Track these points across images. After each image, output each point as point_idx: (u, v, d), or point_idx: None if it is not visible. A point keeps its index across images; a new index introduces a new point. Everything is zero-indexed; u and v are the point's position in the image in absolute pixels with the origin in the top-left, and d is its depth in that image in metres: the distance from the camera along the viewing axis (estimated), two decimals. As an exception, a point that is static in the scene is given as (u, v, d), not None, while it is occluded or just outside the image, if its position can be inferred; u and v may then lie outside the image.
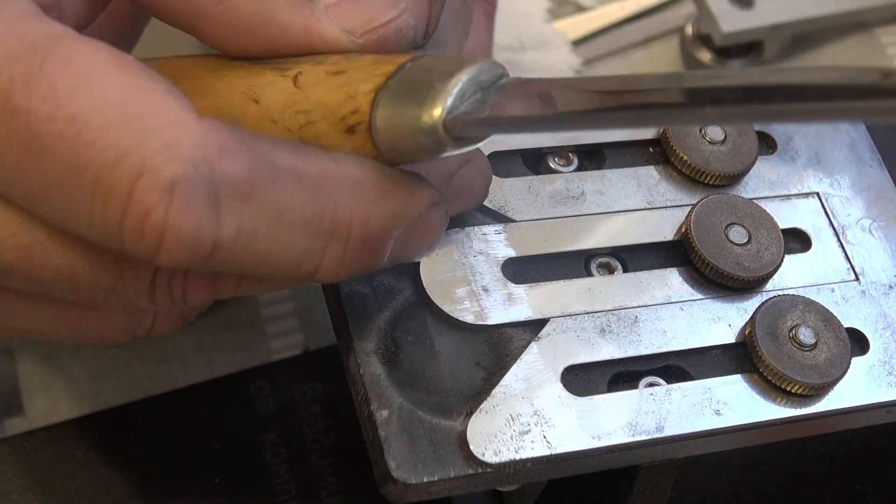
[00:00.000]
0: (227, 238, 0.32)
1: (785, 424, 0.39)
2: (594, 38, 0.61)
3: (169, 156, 0.30)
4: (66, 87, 0.31)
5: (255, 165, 0.32)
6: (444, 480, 0.36)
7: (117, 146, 0.31)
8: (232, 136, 0.32)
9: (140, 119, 0.31)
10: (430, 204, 0.36)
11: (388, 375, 0.37)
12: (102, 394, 0.50)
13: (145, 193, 0.31)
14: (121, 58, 0.32)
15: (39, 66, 0.31)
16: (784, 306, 0.40)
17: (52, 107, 0.31)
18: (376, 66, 0.34)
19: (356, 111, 0.33)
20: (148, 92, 0.31)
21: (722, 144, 0.43)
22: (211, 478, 0.47)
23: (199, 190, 0.31)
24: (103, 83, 0.31)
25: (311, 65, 0.34)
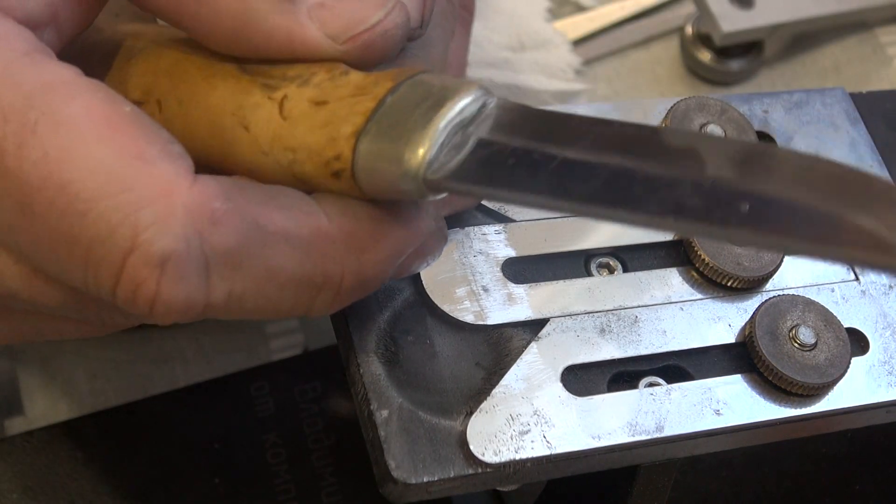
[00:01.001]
0: (217, 302, 0.32)
1: (785, 424, 0.39)
2: (594, 38, 0.61)
3: (159, 230, 0.31)
4: (59, 152, 0.31)
5: (245, 233, 0.32)
6: (444, 480, 0.36)
7: (109, 219, 0.31)
8: (224, 203, 0.32)
9: (131, 189, 0.31)
10: (428, 234, 0.36)
11: (388, 375, 0.37)
12: (102, 394, 0.50)
13: (136, 268, 0.31)
14: (115, 113, 0.32)
15: (32, 128, 0.31)
16: (784, 306, 0.40)
17: (45, 173, 0.31)
18: (357, 100, 0.33)
19: (339, 157, 0.33)
20: (141, 157, 0.31)
21: (722, 144, 0.43)
22: (211, 478, 0.47)
23: (190, 263, 0.31)
24: (96, 149, 0.31)
25: (296, 86, 0.34)
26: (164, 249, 0.31)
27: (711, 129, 0.43)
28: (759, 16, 0.59)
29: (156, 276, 0.31)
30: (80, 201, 0.31)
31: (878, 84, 0.61)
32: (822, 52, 0.62)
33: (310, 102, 0.34)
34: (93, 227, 0.31)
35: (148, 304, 0.32)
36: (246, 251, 0.32)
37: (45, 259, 0.32)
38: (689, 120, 0.43)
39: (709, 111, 0.44)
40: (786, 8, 0.60)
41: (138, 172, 0.31)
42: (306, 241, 0.33)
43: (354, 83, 0.34)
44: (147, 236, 0.31)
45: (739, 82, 0.61)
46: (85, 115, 0.31)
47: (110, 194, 0.31)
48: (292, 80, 0.34)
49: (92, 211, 0.31)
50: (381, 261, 0.35)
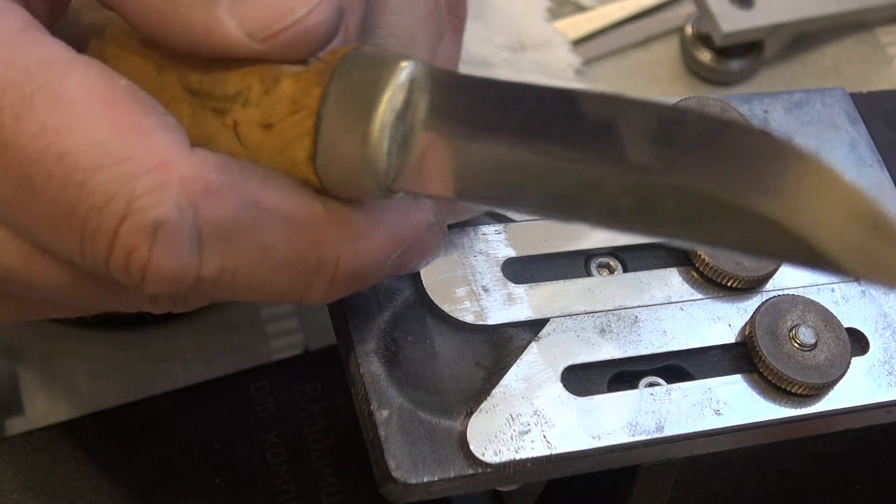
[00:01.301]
0: (209, 276, 0.33)
1: (785, 424, 0.39)
2: (594, 38, 0.61)
3: (153, 199, 0.31)
4: (56, 125, 0.31)
5: (240, 208, 0.32)
6: (444, 480, 0.36)
7: (105, 189, 0.31)
8: (219, 175, 0.32)
9: (127, 160, 0.31)
10: (425, 227, 0.36)
11: (388, 375, 0.37)
12: (102, 394, 0.50)
13: (129, 235, 0.31)
14: (111, 87, 0.32)
15: (29, 101, 0.31)
16: (784, 306, 0.40)
17: (42, 145, 0.31)
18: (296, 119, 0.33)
19: (307, 179, 0.33)
20: (137, 128, 0.32)
21: (722, 144, 0.43)
22: (211, 478, 0.47)
23: (183, 233, 0.32)
24: (93, 122, 0.31)
25: (240, 106, 0.34)
26: (157, 217, 0.31)
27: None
28: (759, 16, 0.59)
29: (148, 244, 0.31)
30: (78, 171, 0.31)
31: (878, 84, 0.61)
32: (822, 52, 0.62)
33: (259, 126, 0.33)
34: (89, 197, 0.31)
35: (139, 271, 0.32)
36: (239, 226, 0.32)
37: (43, 232, 0.32)
38: (689, 120, 0.43)
39: (709, 111, 0.44)
40: (786, 8, 0.60)
41: (135, 143, 0.31)
42: (301, 223, 0.33)
43: (288, 95, 0.33)
44: (141, 204, 0.31)
45: (739, 82, 0.61)
46: (82, 88, 0.32)
47: (107, 165, 0.31)
48: (234, 99, 0.34)
49: (89, 181, 0.31)
50: (377, 249, 0.34)
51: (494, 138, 0.31)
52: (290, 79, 0.33)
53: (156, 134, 0.32)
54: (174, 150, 0.32)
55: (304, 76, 0.33)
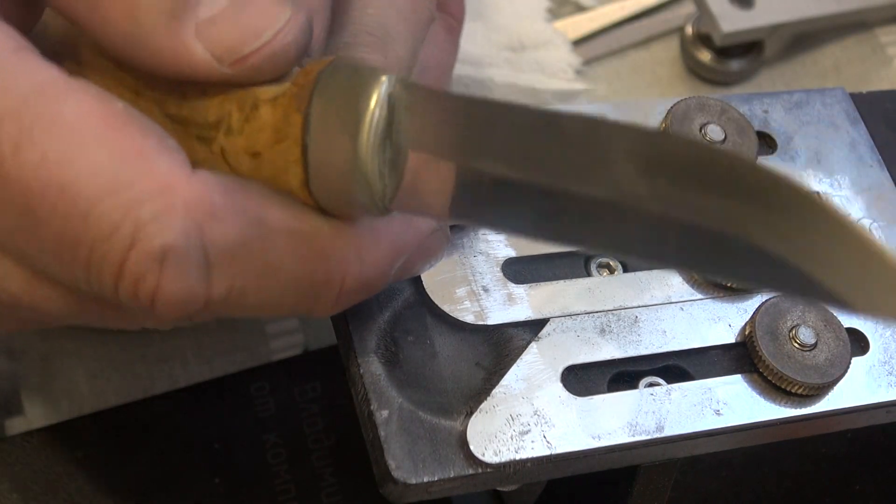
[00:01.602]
0: (218, 297, 0.32)
1: (785, 424, 0.39)
2: (594, 38, 0.61)
3: (159, 225, 0.31)
4: (57, 155, 0.31)
5: (245, 228, 0.32)
6: (444, 480, 0.36)
7: (110, 217, 0.31)
8: (223, 196, 0.32)
9: (131, 187, 0.31)
10: (428, 232, 0.36)
11: (388, 375, 0.37)
12: (102, 394, 0.50)
13: (137, 263, 0.31)
14: (109, 111, 0.32)
15: (28, 130, 0.31)
16: (784, 306, 0.40)
17: (44, 176, 0.31)
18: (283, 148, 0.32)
19: (304, 201, 0.33)
20: (139, 153, 0.31)
21: (722, 144, 0.43)
22: (211, 478, 0.47)
23: (190, 257, 0.31)
24: (94, 149, 0.31)
25: (223, 134, 0.33)
26: (164, 243, 0.31)
27: (711, 130, 0.43)
28: (759, 16, 0.59)
29: (156, 271, 0.31)
30: (82, 202, 0.31)
31: (878, 84, 0.61)
32: (822, 52, 0.62)
33: (246, 155, 0.33)
34: (95, 227, 0.31)
35: (149, 298, 0.32)
36: (246, 246, 0.32)
37: (49, 261, 0.32)
38: (690, 120, 0.43)
39: (709, 111, 0.44)
40: (786, 8, 0.60)
41: (137, 169, 0.31)
42: (307, 239, 0.33)
43: (269, 123, 0.33)
44: (147, 231, 0.31)
45: (739, 82, 0.61)
46: (80, 115, 0.31)
47: (111, 193, 0.31)
48: (216, 126, 0.33)
49: (94, 211, 0.31)
50: (382, 259, 0.35)
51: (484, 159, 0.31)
52: (268, 104, 0.33)
53: (158, 157, 0.31)
54: (177, 173, 0.31)
55: (281, 101, 0.33)
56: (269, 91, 0.33)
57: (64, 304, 0.34)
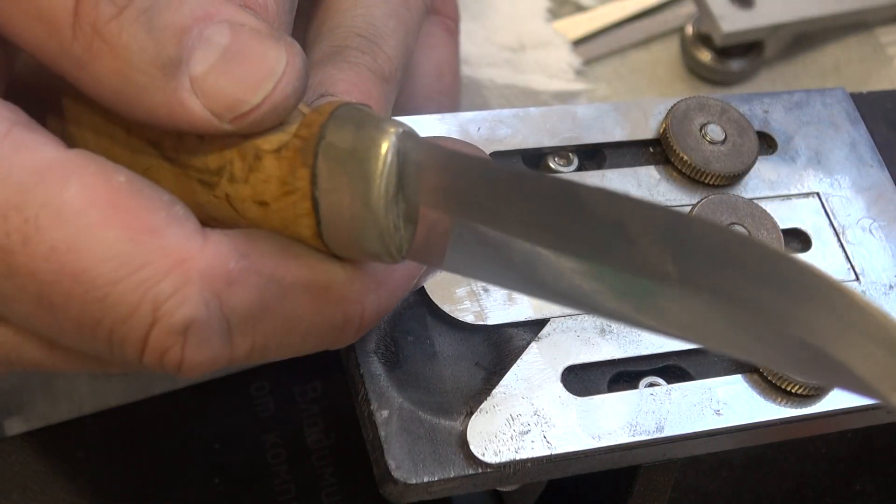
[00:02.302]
0: (240, 355, 0.33)
1: (785, 425, 0.39)
2: (594, 38, 0.61)
3: (178, 300, 0.31)
4: (67, 244, 0.31)
5: (263, 289, 0.32)
6: (445, 480, 0.36)
7: (128, 300, 0.31)
8: (238, 261, 0.32)
9: (145, 266, 0.31)
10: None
11: (389, 375, 0.37)
12: (102, 394, 0.50)
13: (159, 339, 0.31)
14: (112, 189, 0.31)
15: (34, 222, 0.31)
16: (784, 306, 0.40)
17: (56, 267, 0.31)
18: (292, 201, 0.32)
19: (317, 247, 0.33)
20: (148, 230, 0.31)
21: (722, 144, 0.43)
22: (211, 478, 0.47)
23: (212, 326, 0.32)
24: (102, 233, 0.31)
25: (226, 181, 0.33)
26: (185, 317, 0.31)
27: (711, 129, 0.43)
28: (759, 16, 0.59)
29: (180, 344, 0.31)
30: (97, 288, 0.31)
31: (879, 84, 0.61)
32: (822, 52, 0.62)
33: (253, 202, 0.33)
34: (113, 310, 0.31)
35: (175, 367, 0.32)
36: (265, 306, 0.32)
37: (69, 340, 0.32)
38: (690, 120, 0.43)
39: (709, 111, 0.44)
40: (786, 8, 0.60)
41: (149, 247, 0.31)
42: (324, 289, 0.33)
43: (275, 175, 0.32)
44: (167, 308, 0.31)
45: (739, 82, 0.61)
46: (84, 198, 0.31)
47: (126, 275, 0.31)
48: (218, 173, 0.33)
49: (110, 295, 0.31)
50: (398, 287, 0.35)
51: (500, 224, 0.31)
52: (272, 156, 0.32)
53: (168, 230, 0.31)
54: (189, 245, 0.31)
55: (285, 154, 0.32)
56: (271, 141, 0.32)
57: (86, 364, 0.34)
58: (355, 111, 0.32)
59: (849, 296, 0.28)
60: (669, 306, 0.29)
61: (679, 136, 0.43)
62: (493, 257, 0.31)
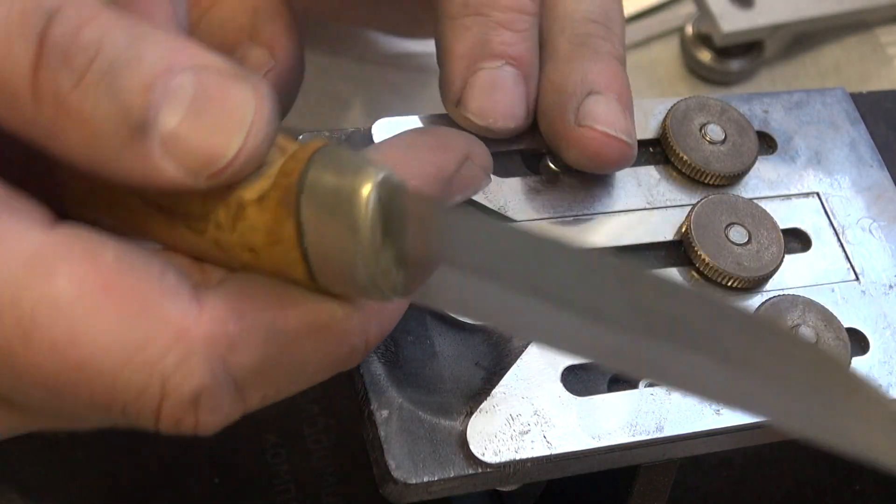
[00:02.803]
0: (253, 405, 0.33)
1: (785, 424, 0.39)
2: (594, 38, 0.61)
3: (184, 373, 0.31)
4: (66, 337, 0.31)
5: (266, 344, 0.32)
6: (444, 480, 0.36)
7: (136, 381, 0.31)
8: (237, 323, 0.32)
9: (146, 346, 0.31)
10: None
11: (388, 375, 0.37)
12: (102, 394, 0.50)
13: (172, 411, 0.32)
14: (102, 272, 0.31)
15: (30, 318, 0.30)
16: (784, 306, 0.40)
17: (59, 360, 0.31)
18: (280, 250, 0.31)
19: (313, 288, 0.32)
20: (144, 309, 0.31)
21: (722, 144, 0.43)
22: (211, 478, 0.47)
23: (221, 390, 0.32)
24: (100, 321, 0.31)
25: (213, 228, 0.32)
26: (194, 389, 0.31)
27: (711, 129, 0.43)
28: (759, 16, 0.59)
29: (193, 412, 0.32)
30: (104, 375, 0.31)
31: (878, 84, 0.61)
32: (822, 52, 0.62)
33: (243, 248, 0.32)
34: (124, 393, 0.31)
35: (190, 431, 0.32)
36: (271, 359, 0.32)
37: (83, 420, 0.33)
38: (690, 120, 0.43)
39: (709, 111, 0.44)
40: (786, 8, 0.60)
41: (147, 325, 0.31)
42: (325, 329, 0.33)
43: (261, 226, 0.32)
44: (174, 382, 0.31)
45: (739, 82, 0.61)
46: (76, 287, 0.31)
47: (129, 358, 0.31)
48: (204, 220, 0.32)
49: (118, 379, 0.31)
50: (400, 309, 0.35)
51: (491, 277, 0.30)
52: (255, 205, 0.32)
53: (163, 304, 0.31)
54: (187, 315, 0.31)
55: (267, 204, 0.31)
56: (252, 189, 0.32)
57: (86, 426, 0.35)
58: (333, 156, 0.32)
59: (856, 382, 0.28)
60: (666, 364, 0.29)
61: (679, 135, 0.43)
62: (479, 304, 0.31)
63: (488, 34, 0.40)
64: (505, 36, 0.40)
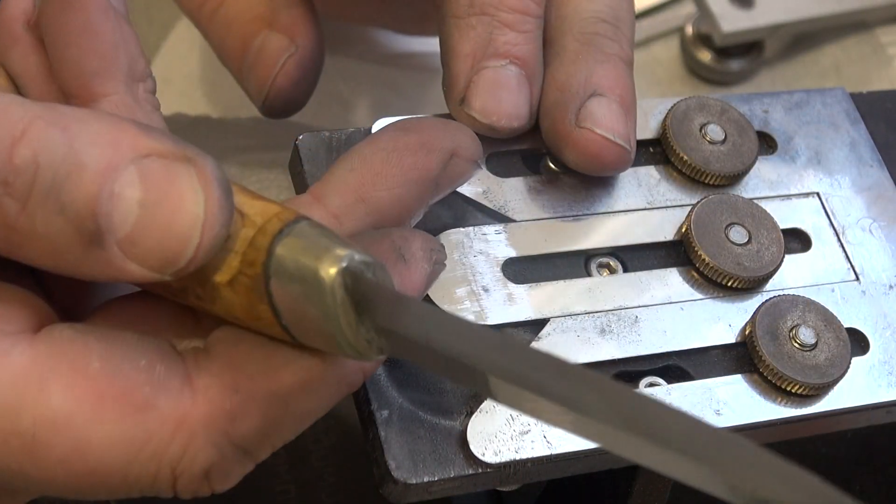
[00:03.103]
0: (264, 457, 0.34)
1: (785, 424, 0.39)
2: (594, 38, 0.61)
3: (191, 455, 0.32)
4: (70, 450, 0.31)
5: (265, 410, 0.32)
6: (445, 480, 0.36)
7: (146, 473, 0.32)
8: (232, 398, 0.32)
9: (149, 440, 0.32)
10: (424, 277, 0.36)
11: (389, 375, 0.37)
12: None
13: (187, 487, 0.32)
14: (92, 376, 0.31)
15: (32, 440, 0.31)
16: (784, 306, 0.40)
17: (70, 471, 0.32)
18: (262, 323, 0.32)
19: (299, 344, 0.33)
20: (139, 408, 0.31)
21: (722, 144, 0.43)
22: (211, 478, 0.47)
23: (230, 459, 0.33)
24: (100, 429, 0.31)
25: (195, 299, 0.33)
26: (203, 467, 0.32)
27: (711, 129, 0.43)
28: (759, 16, 0.59)
29: (206, 483, 0.33)
30: (115, 474, 0.32)
31: (879, 84, 0.61)
32: (822, 52, 0.62)
33: (227, 316, 0.33)
34: (136, 483, 0.32)
35: (210, 494, 0.33)
36: (272, 421, 0.33)
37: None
38: (690, 120, 0.43)
39: (709, 111, 0.44)
40: (786, 8, 0.60)
41: (146, 422, 0.32)
42: (321, 380, 0.33)
43: (238, 304, 0.32)
44: (183, 466, 0.32)
45: (739, 82, 0.61)
46: (71, 401, 0.31)
47: (135, 456, 0.32)
48: (184, 294, 0.33)
49: (129, 475, 0.32)
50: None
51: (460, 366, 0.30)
52: (227, 288, 0.32)
53: (158, 400, 0.32)
54: (182, 403, 0.32)
55: (239, 289, 0.32)
56: (222, 272, 0.32)
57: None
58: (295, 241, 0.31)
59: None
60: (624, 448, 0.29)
61: (679, 136, 0.43)
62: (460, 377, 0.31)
63: (493, 34, 0.40)
64: (510, 36, 0.40)
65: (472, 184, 0.41)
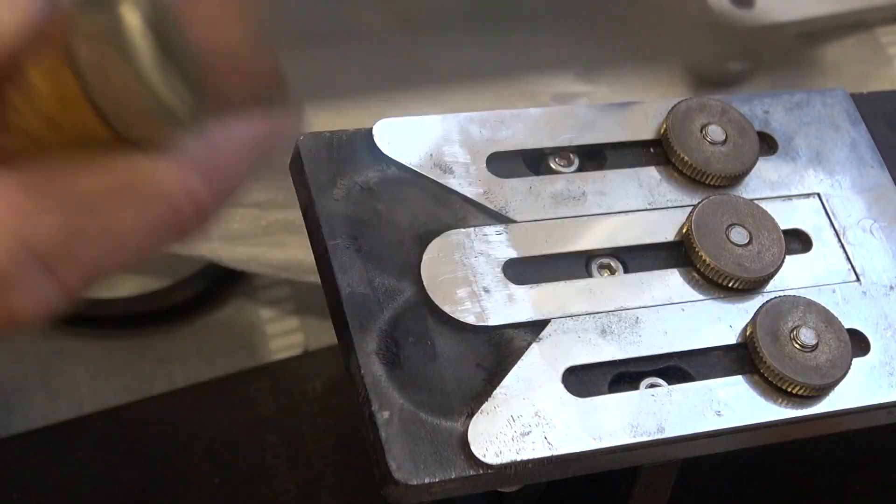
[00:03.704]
0: (76, 286, 0.30)
1: (786, 425, 0.39)
2: (594, 37, 0.61)
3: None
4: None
5: (65, 211, 0.29)
6: (445, 481, 0.36)
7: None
8: (27, 195, 0.29)
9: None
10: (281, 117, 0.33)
11: (389, 376, 0.37)
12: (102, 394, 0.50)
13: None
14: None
15: None
16: (785, 307, 0.40)
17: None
18: (75, 109, 0.30)
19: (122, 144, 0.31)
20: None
21: (723, 145, 0.43)
22: (211, 478, 0.47)
23: (25, 271, 0.29)
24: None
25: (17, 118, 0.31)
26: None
27: (712, 130, 0.43)
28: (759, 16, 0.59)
29: (3, 302, 0.29)
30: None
31: (879, 84, 0.61)
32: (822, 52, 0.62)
33: (46, 129, 0.31)
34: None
35: (7, 322, 0.30)
36: (76, 228, 0.30)
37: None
38: (690, 120, 0.43)
39: (709, 112, 0.44)
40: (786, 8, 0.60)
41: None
42: (130, 185, 0.30)
43: (49, 92, 0.30)
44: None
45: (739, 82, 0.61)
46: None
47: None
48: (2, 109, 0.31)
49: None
50: (235, 160, 0.32)
51: None
52: (38, 75, 0.30)
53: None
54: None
55: (48, 66, 0.30)
56: (36, 64, 0.30)
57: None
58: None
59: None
60: None
61: (680, 136, 0.43)
62: None
63: None
64: None
65: (472, 184, 0.41)
